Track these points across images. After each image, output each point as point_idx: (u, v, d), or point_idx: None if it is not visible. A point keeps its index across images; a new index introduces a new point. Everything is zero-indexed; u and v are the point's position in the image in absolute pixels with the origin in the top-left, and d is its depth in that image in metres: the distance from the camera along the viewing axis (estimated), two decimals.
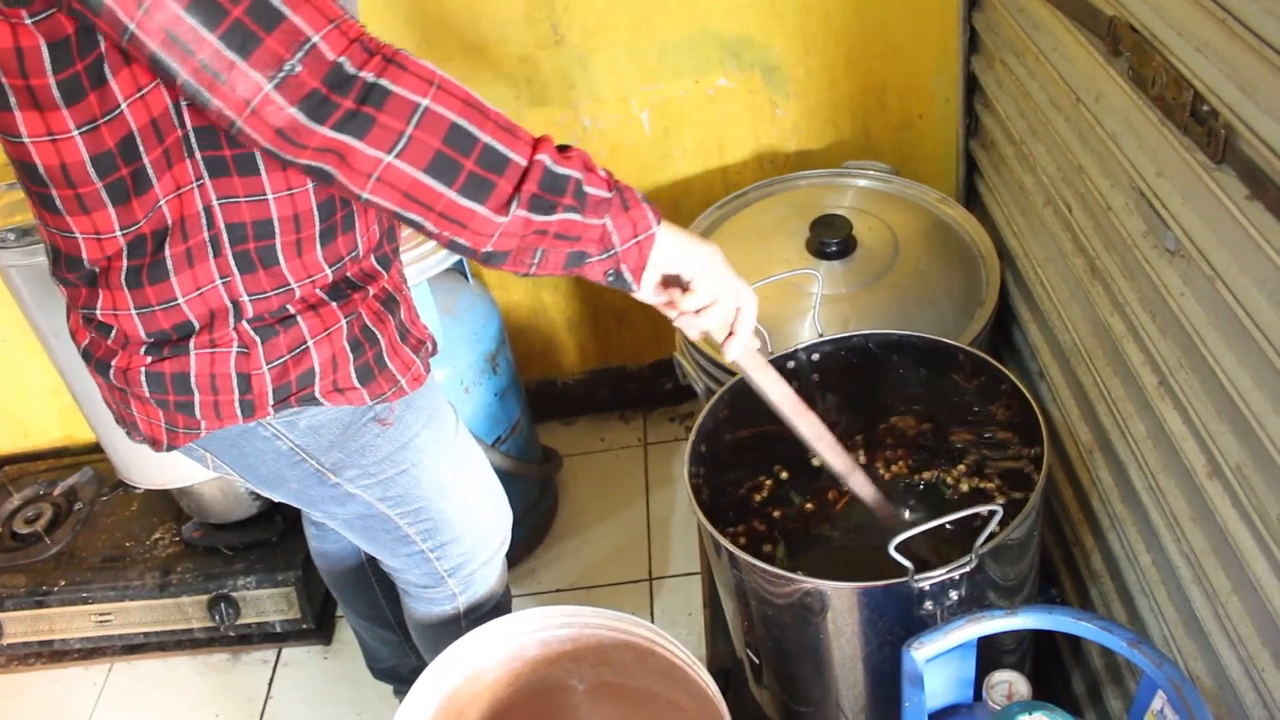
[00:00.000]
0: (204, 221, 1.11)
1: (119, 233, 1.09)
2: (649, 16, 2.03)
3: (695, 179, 2.24)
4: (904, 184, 1.98)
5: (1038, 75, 1.58)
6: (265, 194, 1.12)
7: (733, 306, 1.18)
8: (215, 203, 1.10)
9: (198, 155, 1.07)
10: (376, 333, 1.26)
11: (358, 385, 1.26)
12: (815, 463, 1.63)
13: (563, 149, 1.04)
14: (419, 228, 1.00)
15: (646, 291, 1.14)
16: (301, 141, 0.93)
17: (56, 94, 0.99)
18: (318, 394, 1.24)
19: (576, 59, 2.08)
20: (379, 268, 1.27)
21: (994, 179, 1.91)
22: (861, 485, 1.43)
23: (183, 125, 1.05)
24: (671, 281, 1.16)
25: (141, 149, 1.05)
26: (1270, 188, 0.94)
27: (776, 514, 1.62)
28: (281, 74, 0.90)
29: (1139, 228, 1.26)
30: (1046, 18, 1.51)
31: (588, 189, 1.03)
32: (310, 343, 1.21)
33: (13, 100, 1.00)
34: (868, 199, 1.95)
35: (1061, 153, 1.50)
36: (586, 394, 2.59)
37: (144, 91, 1.01)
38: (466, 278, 2.15)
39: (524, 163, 1.00)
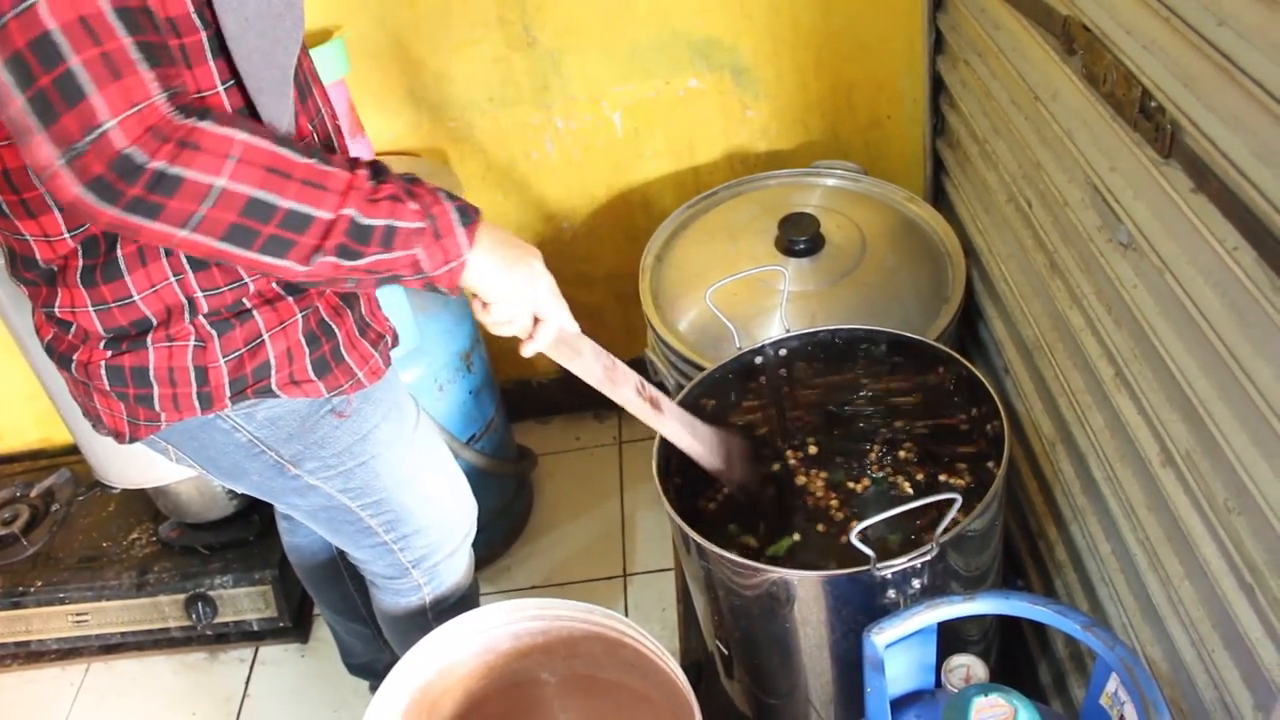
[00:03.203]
0: None
1: (67, 234, 1.11)
2: (619, 18, 2.05)
3: (666, 179, 2.26)
4: (872, 183, 2.01)
5: (999, 75, 1.61)
6: None
7: (527, 325, 1.23)
8: None
9: None
10: (333, 326, 1.28)
11: (314, 378, 1.27)
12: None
13: (378, 181, 1.06)
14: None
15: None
16: (93, 216, 0.94)
17: None
18: (274, 386, 1.25)
19: (549, 60, 2.10)
20: None
21: (959, 177, 1.94)
22: (683, 440, 1.46)
23: None
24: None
25: None
26: (1213, 181, 0.97)
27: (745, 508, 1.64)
28: (71, 153, 0.90)
29: (1094, 222, 1.28)
30: (1006, 18, 1.54)
31: (399, 225, 1.06)
32: (266, 336, 1.22)
33: None
34: (836, 198, 1.98)
35: (1022, 150, 1.53)
36: (561, 393, 2.61)
37: None
38: None
39: (330, 217, 1.02)
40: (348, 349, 1.30)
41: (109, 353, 1.20)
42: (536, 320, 1.24)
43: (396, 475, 1.44)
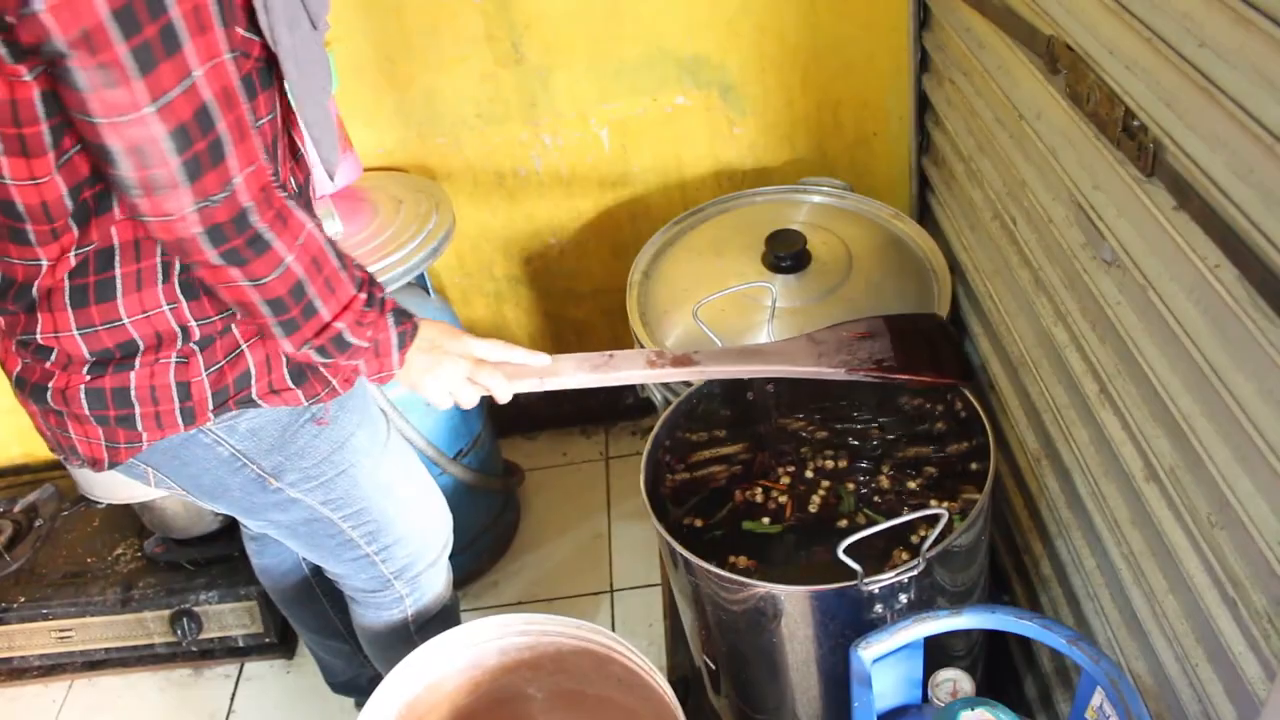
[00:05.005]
0: (159, 247, 1.15)
1: (74, 252, 1.12)
2: (607, 36, 2.06)
3: (654, 195, 2.27)
4: (858, 200, 2.02)
5: (984, 93, 1.62)
6: None
7: (470, 398, 1.39)
8: None
9: None
10: None
11: (292, 386, 1.29)
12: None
13: (369, 306, 1.23)
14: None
15: None
16: (188, 252, 1.09)
17: (47, 139, 1.03)
18: (255, 395, 1.27)
19: (537, 77, 2.11)
20: None
21: (945, 195, 1.95)
22: (745, 373, 1.48)
23: None
24: None
25: (99, 176, 1.08)
26: (1195, 199, 0.98)
27: (733, 520, 1.64)
28: (204, 203, 1.05)
29: (1078, 239, 1.30)
30: (991, 37, 1.55)
31: (360, 344, 1.24)
32: (244, 346, 1.25)
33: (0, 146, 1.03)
34: (822, 214, 1.99)
35: (1007, 168, 1.54)
36: (548, 409, 2.60)
37: None
38: (428, 292, 2.17)
39: (327, 319, 1.19)
40: None
41: (89, 376, 1.20)
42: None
43: (376, 482, 1.46)
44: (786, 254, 1.80)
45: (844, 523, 1.61)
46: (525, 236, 2.34)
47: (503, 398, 1.41)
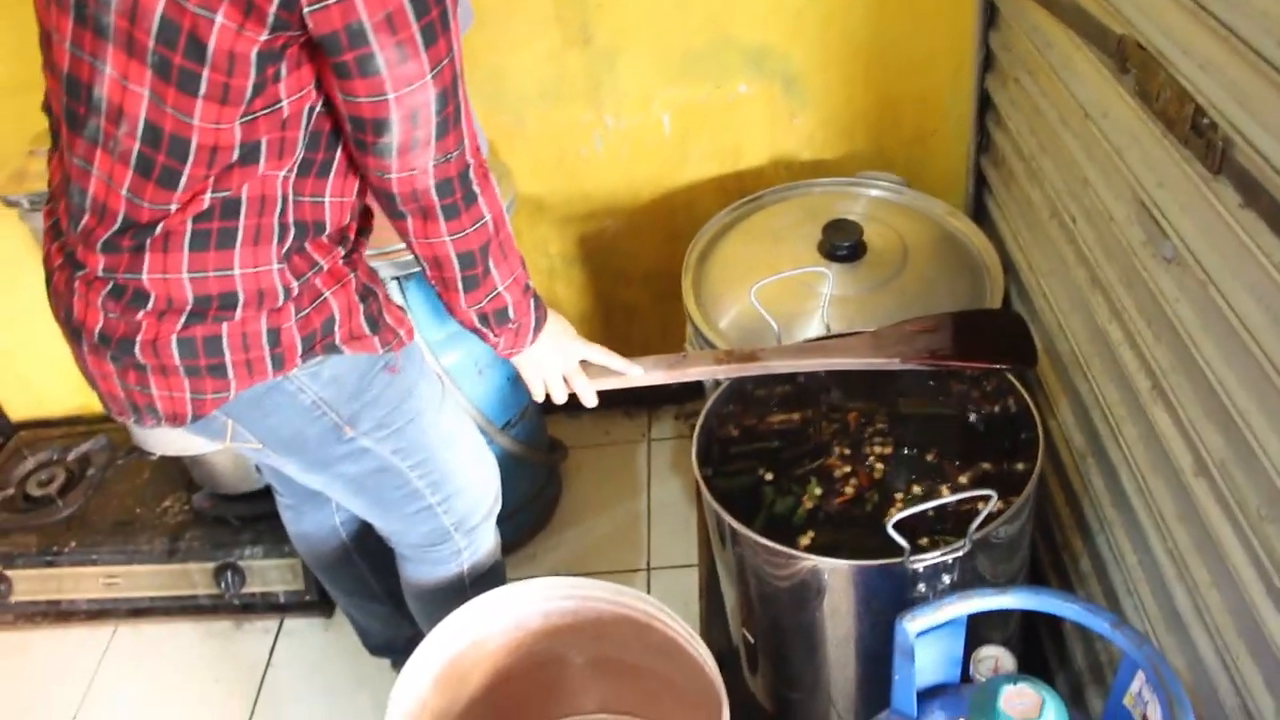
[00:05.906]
0: (279, 207, 1.22)
1: (208, 195, 1.18)
2: (674, 21, 2.09)
3: (711, 182, 2.30)
4: (914, 196, 2.04)
5: (1049, 93, 1.64)
6: (323, 197, 1.26)
7: (561, 390, 1.54)
8: (291, 195, 1.22)
9: (300, 153, 1.20)
10: (373, 288, 1.38)
11: (369, 333, 1.36)
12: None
13: (529, 286, 1.41)
14: (422, 271, 1.36)
15: None
16: (419, 199, 1.24)
17: (247, 93, 1.12)
18: (338, 341, 1.32)
19: (603, 59, 2.14)
20: (362, 237, 1.42)
21: (1002, 194, 1.97)
22: (811, 366, 1.57)
23: (308, 125, 1.19)
24: None
25: (264, 132, 1.16)
26: (1263, 196, 1.00)
27: (780, 499, 1.67)
28: (442, 159, 1.21)
29: (1139, 237, 1.31)
30: (1059, 36, 1.57)
31: (512, 317, 1.41)
32: (328, 294, 1.31)
33: (203, 90, 1.11)
34: (879, 208, 2.01)
35: (1069, 167, 1.56)
36: None
37: (303, 91, 1.17)
38: None
39: (498, 284, 1.37)
40: (386, 309, 1.39)
41: (181, 325, 1.23)
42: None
43: (440, 431, 1.52)
44: (843, 243, 1.82)
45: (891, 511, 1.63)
46: (581, 216, 2.37)
47: (589, 402, 1.55)
